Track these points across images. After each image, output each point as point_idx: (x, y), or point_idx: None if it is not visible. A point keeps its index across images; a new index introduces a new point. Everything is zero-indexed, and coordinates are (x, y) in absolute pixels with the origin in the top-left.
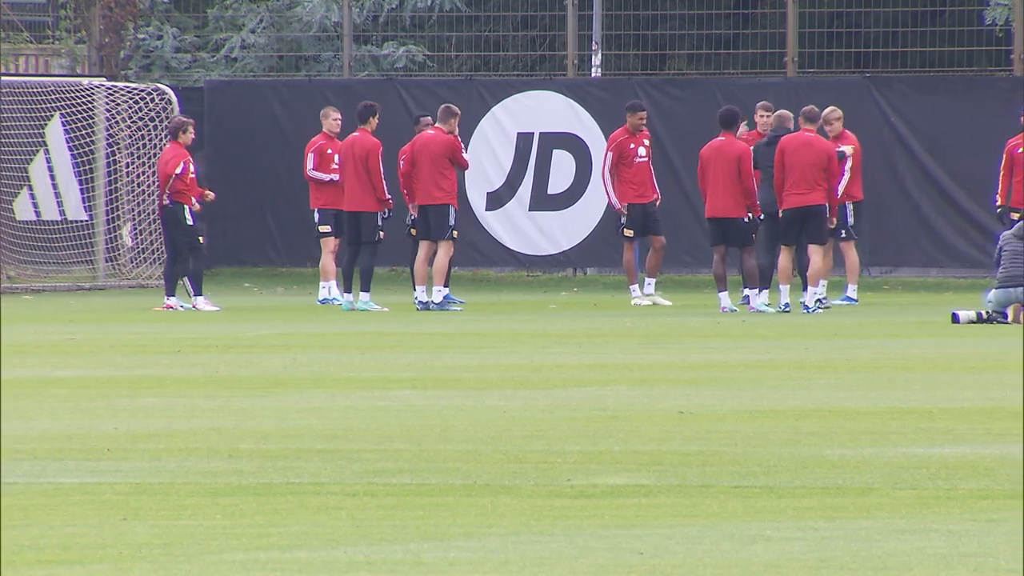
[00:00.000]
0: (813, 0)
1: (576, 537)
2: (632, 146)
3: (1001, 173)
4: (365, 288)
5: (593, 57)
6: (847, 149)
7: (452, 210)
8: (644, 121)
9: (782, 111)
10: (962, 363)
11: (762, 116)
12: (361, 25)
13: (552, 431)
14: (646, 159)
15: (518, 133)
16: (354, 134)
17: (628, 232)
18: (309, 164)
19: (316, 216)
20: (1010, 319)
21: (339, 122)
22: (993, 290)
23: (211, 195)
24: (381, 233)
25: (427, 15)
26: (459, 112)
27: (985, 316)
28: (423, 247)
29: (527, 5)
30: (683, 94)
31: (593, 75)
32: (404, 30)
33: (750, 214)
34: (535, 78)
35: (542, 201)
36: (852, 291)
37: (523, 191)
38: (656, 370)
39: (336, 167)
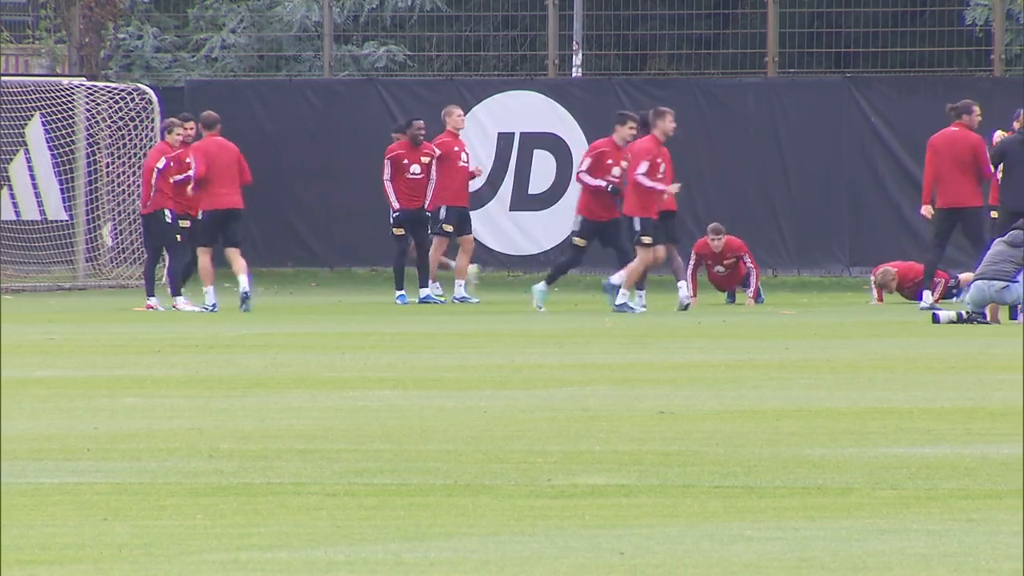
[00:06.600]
0: (794, 0)
1: (556, 537)
2: None
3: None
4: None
5: (574, 57)
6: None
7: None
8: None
9: None
10: (942, 363)
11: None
12: (342, 25)
13: (533, 431)
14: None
15: (499, 133)
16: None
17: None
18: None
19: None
20: (988, 319)
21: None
22: (971, 285)
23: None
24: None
25: (408, 15)
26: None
27: (965, 316)
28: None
29: (508, 5)
30: (664, 94)
31: (574, 75)
32: (385, 30)
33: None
34: (516, 78)
35: (523, 201)
36: None
37: (504, 191)
38: (637, 370)
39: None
